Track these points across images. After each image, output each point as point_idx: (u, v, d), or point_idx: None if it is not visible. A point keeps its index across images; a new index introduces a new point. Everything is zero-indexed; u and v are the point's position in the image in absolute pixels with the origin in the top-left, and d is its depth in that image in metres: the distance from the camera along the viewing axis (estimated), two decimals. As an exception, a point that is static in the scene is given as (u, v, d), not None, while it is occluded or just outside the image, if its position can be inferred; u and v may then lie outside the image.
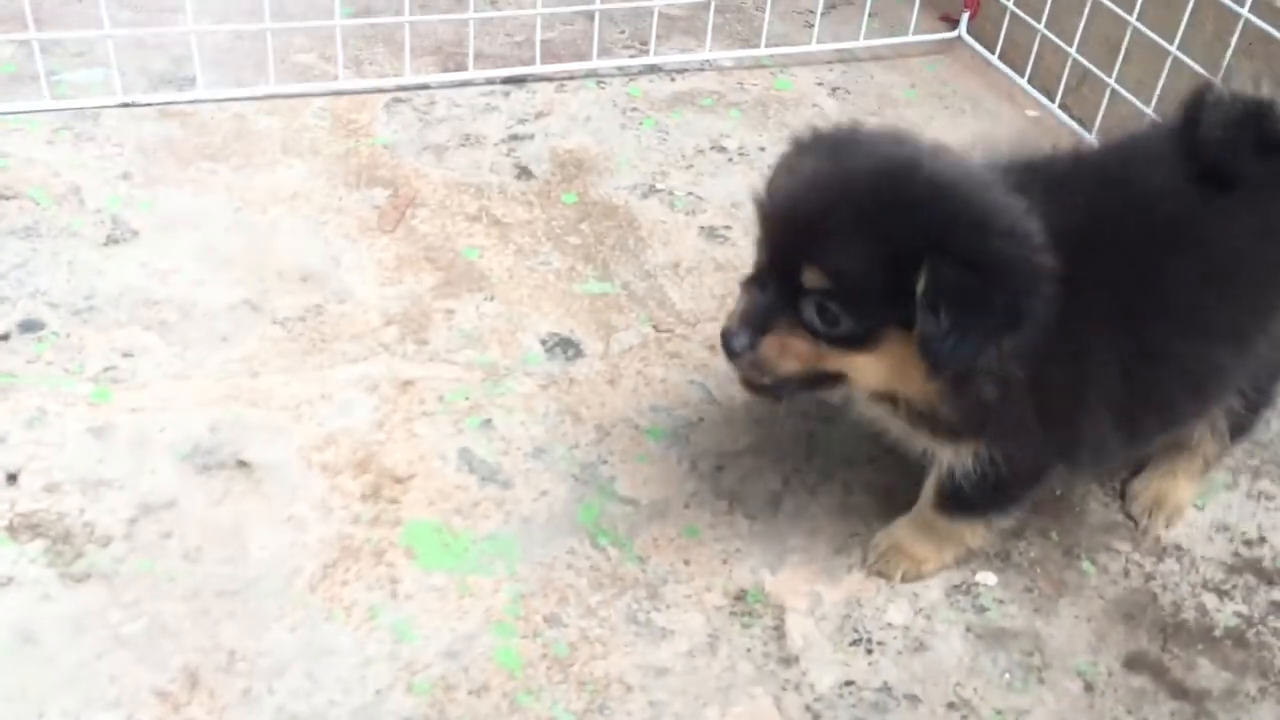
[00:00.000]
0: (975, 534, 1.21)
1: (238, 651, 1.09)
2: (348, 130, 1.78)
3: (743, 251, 1.65)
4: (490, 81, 1.92)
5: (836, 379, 1.09)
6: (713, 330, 1.52)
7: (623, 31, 2.09)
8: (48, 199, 1.58)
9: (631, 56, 2.02)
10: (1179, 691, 1.16)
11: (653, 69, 2.00)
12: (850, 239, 1.01)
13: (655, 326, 1.51)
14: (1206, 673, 1.17)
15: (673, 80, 2.00)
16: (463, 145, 1.78)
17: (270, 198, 1.64)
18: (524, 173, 1.74)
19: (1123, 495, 1.34)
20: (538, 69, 1.93)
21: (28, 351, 1.36)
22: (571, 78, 1.96)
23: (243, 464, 1.26)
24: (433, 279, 1.53)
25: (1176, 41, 1.71)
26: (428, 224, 1.62)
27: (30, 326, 1.39)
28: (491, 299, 1.51)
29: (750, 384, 1.11)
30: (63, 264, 1.48)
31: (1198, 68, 1.67)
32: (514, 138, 1.81)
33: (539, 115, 1.87)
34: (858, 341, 1.04)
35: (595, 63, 1.96)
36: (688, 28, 2.11)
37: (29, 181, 1.60)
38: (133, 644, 1.09)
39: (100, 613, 1.11)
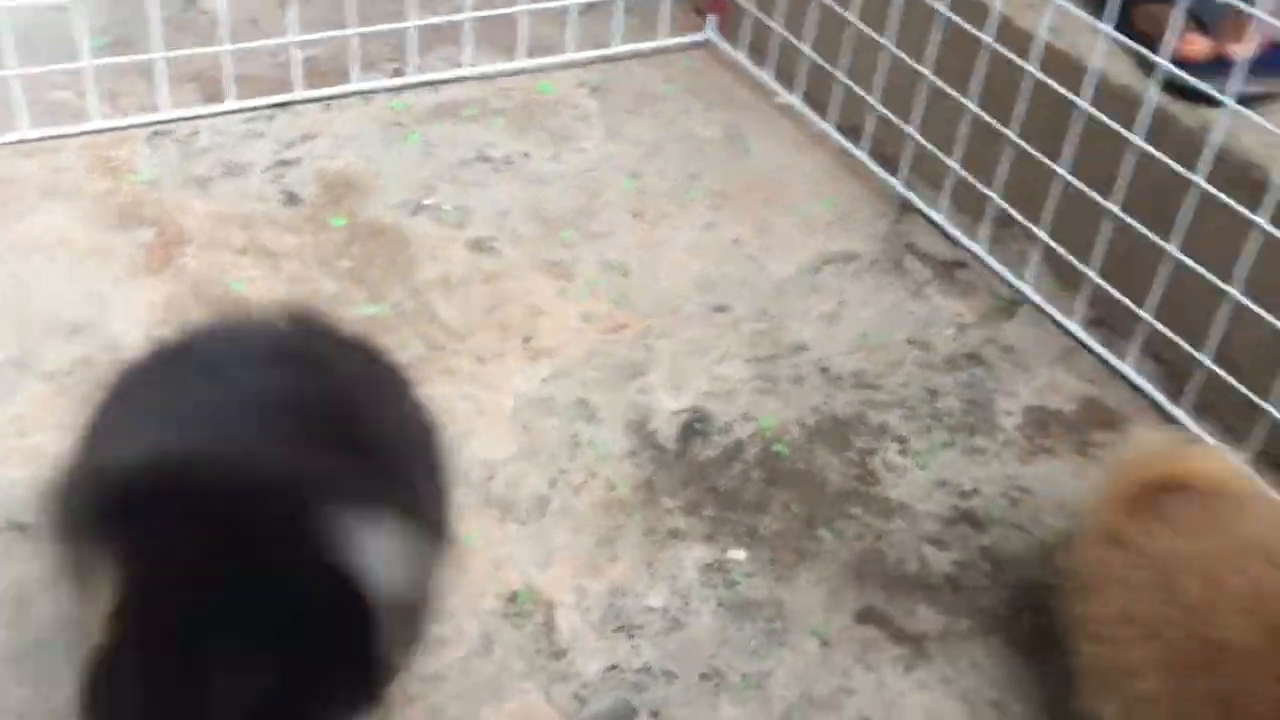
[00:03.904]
0: None
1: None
2: (107, 168, 1.79)
3: (510, 261, 1.75)
4: (254, 109, 1.94)
5: None
6: (481, 342, 1.61)
7: (385, 45, 2.12)
8: None
9: (395, 72, 2.07)
10: (902, 637, 1.32)
11: (416, 83, 2.06)
12: None
13: (427, 344, 1.60)
14: (925, 617, 1.34)
15: (436, 91, 2.06)
16: (227, 175, 1.81)
17: (32, 245, 1.64)
18: (292, 199, 1.79)
19: None
20: (300, 94, 1.96)
21: None
22: (336, 97, 2.00)
23: (18, 526, 1.29)
24: (203, 317, 1.57)
25: (884, 33, 1.87)
26: (196, 260, 1.66)
27: None
28: (264, 331, 1.57)
29: None
30: None
31: (903, 56, 1.83)
32: (281, 163, 1.85)
33: (305, 138, 1.91)
34: None
35: (357, 83, 2.01)
36: (448, 36, 2.16)
37: None
38: None
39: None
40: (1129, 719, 1.09)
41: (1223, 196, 1.46)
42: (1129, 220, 1.58)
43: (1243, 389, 1.48)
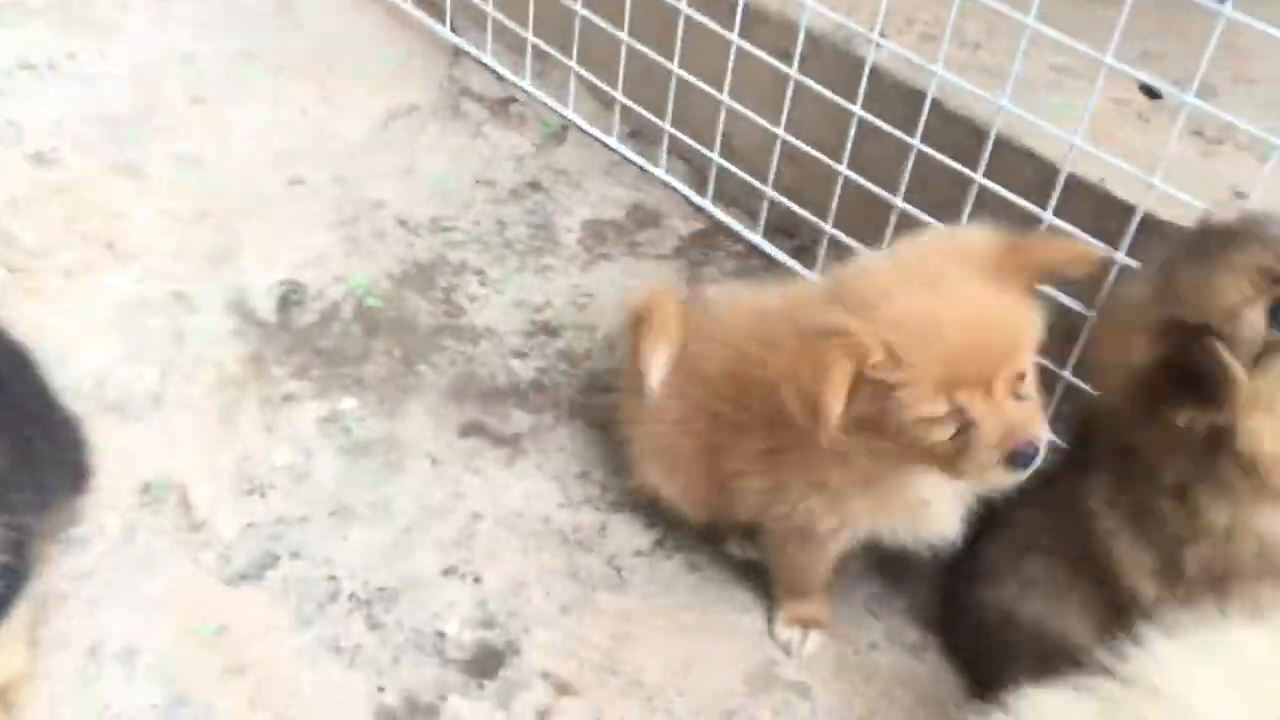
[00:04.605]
0: None
1: None
2: None
3: (78, 170, 1.77)
4: None
5: None
6: (66, 258, 1.66)
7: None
8: None
9: (-98, -19, 1.96)
10: (500, 440, 1.55)
11: (-69, -9, 1.96)
12: None
13: (8, 268, 1.62)
14: (518, 419, 1.58)
15: (-43, -1, 1.97)
16: None
17: None
18: None
19: None
20: None
21: None
22: None
23: None
24: None
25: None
26: None
27: None
28: None
29: None
30: None
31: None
32: None
33: None
34: None
35: None
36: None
37: None
38: None
39: None
40: (671, 479, 1.39)
41: (704, 19, 1.71)
42: (639, 46, 1.81)
43: (747, 177, 1.78)
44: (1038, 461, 1.11)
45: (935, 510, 1.24)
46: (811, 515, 1.25)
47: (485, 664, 1.33)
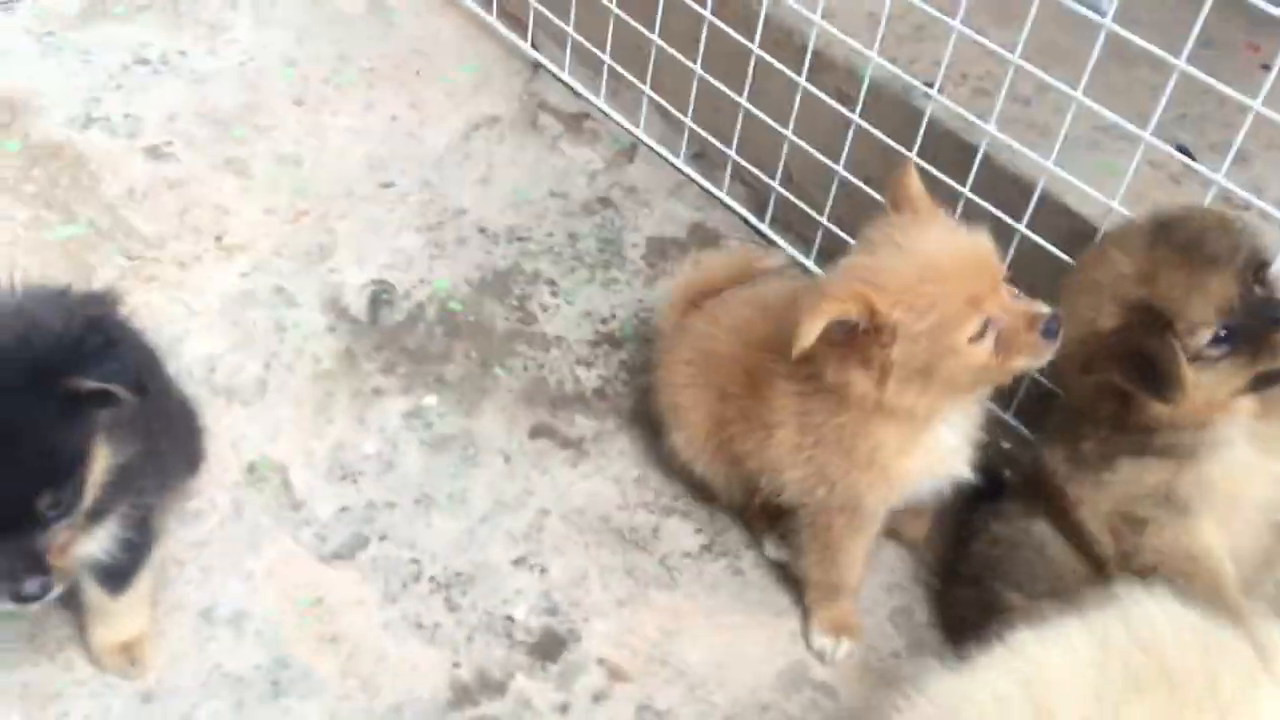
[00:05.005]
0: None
1: None
2: None
3: (189, 165, 1.92)
4: (-110, 31, 1.96)
5: None
6: (178, 248, 1.81)
7: (13, -56, 2.14)
8: None
9: (28, -27, 2.11)
10: (566, 443, 1.71)
11: (53, -17, 2.11)
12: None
13: (128, 256, 1.78)
14: (582, 423, 1.73)
15: (76, -9, 2.12)
16: (-114, 111, 1.86)
17: None
18: (-42, 128, 1.87)
19: None
20: (-63, 12, 1.99)
21: None
22: (-25, 10, 2.03)
23: None
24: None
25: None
26: (-122, 205, 1.75)
27: None
28: (-32, 267, 1.70)
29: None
30: None
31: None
32: (-65, 91, 1.91)
33: (-48, 59, 1.96)
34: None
35: (-6, -7, 2.05)
36: (78, -73, 2.19)
37: None
38: None
39: None
40: (686, 438, 1.56)
41: (774, 60, 1.84)
42: (709, 78, 1.94)
43: (804, 206, 1.92)
44: (1059, 329, 1.32)
45: (955, 453, 1.43)
46: (856, 490, 1.41)
47: (549, 648, 1.49)
